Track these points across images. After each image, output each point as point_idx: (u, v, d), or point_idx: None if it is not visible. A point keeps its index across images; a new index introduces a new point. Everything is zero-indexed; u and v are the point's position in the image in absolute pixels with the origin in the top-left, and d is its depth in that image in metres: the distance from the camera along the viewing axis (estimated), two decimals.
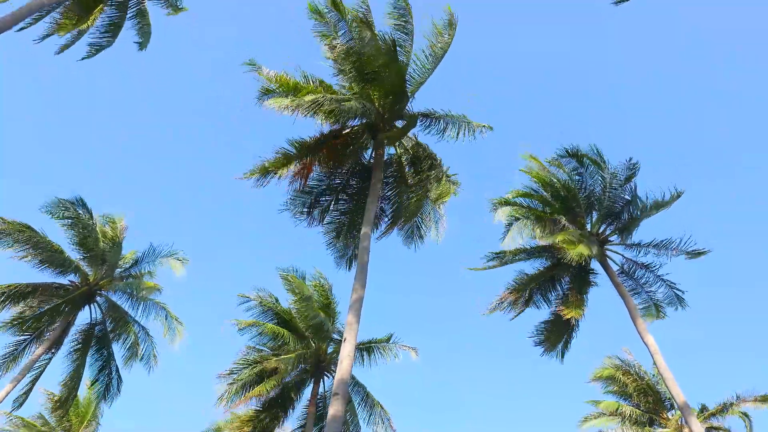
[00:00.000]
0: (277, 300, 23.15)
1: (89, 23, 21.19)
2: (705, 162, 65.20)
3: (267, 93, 16.53)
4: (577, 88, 69.66)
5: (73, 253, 22.83)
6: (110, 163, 65.99)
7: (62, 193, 22.15)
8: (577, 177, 21.63)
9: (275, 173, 17.67)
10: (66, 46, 21.17)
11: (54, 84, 60.38)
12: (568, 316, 19.91)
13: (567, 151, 21.31)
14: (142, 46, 22.35)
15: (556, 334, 21.78)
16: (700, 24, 56.97)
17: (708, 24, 57.28)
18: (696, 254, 20.53)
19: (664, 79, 64.17)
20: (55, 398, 24.74)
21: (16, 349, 22.21)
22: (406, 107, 17.89)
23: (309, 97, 15.67)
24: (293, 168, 17.78)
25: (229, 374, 21.74)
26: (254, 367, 21.68)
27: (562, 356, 22.07)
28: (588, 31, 62.74)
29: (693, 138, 65.76)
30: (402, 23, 17.22)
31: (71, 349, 23.15)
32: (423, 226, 19.80)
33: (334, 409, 12.66)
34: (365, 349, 22.86)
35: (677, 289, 21.06)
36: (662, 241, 20.87)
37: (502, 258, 21.75)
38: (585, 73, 66.51)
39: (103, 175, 65.73)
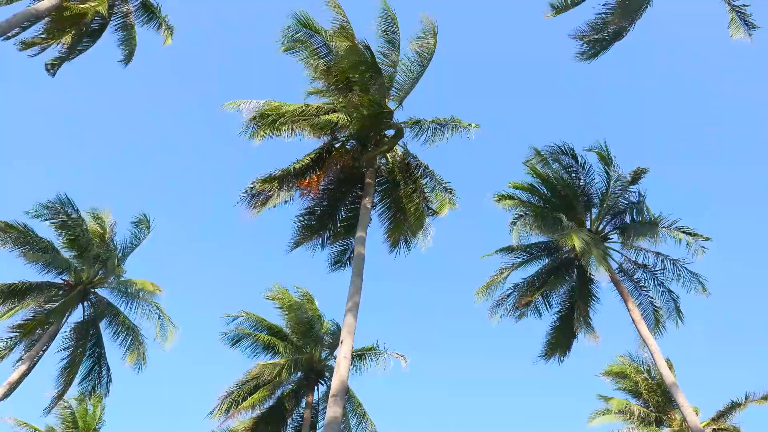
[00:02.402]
0: (263, 318, 23.00)
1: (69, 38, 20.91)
2: (706, 164, 65.42)
3: (253, 120, 16.26)
4: (577, 88, 69.81)
5: (65, 251, 22.40)
6: (109, 163, 65.09)
7: (55, 191, 21.43)
8: (573, 174, 21.40)
9: (272, 196, 17.63)
10: (55, 64, 21.22)
11: (53, 83, 59.30)
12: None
13: (561, 149, 21.13)
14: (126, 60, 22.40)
15: (563, 339, 21.77)
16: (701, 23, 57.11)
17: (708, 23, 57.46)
18: (693, 234, 20.25)
19: (664, 78, 64.29)
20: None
21: (5, 346, 21.57)
22: (394, 114, 17.54)
23: (290, 107, 15.68)
24: (290, 189, 17.77)
25: (227, 396, 21.64)
26: (250, 383, 21.67)
27: (564, 356, 21.95)
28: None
29: (694, 138, 65.85)
30: (388, 33, 17.09)
31: (62, 347, 22.79)
32: (410, 236, 19.41)
33: (333, 410, 12.49)
34: (357, 356, 22.56)
35: (674, 298, 20.88)
36: (657, 217, 20.51)
37: (510, 251, 21.79)
38: (585, 74, 66.66)
39: (102, 175, 64.81)
